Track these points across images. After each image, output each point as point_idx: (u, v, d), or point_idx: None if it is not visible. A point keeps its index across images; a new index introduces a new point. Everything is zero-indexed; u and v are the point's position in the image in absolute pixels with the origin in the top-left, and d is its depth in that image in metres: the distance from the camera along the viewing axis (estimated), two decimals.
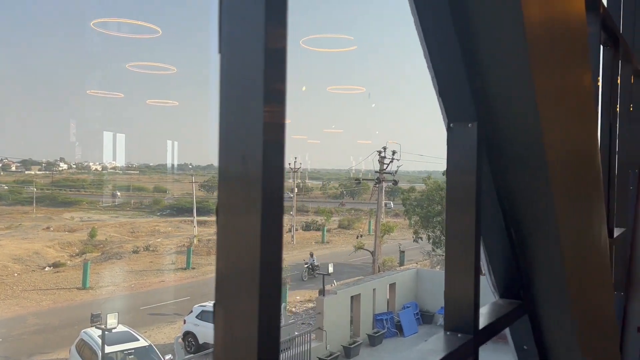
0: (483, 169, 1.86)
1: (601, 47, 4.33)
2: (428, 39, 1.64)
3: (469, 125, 1.74)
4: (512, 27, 1.54)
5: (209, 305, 19.37)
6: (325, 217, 54.82)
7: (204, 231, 48.81)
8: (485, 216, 2.03)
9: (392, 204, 59.53)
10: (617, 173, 5.15)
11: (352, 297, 18.43)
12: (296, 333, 16.66)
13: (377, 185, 34.95)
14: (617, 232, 4.95)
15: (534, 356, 2.43)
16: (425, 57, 1.74)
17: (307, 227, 54.23)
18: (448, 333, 1.78)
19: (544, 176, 1.83)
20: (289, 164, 52.18)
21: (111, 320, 14.46)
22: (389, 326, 18.91)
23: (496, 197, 1.97)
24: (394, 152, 33.01)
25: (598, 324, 2.84)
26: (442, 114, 1.83)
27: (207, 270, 36.38)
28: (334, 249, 45.43)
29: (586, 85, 2.28)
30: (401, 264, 34.13)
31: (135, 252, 42.44)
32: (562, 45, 1.94)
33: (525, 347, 2.42)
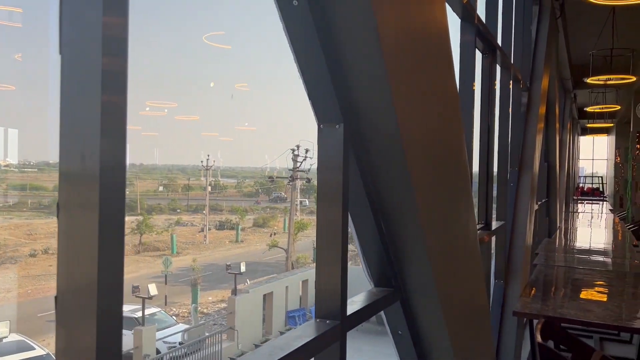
0: (351, 168, 1.99)
1: (480, 55, 4.73)
2: (294, 44, 1.73)
3: (337, 126, 1.86)
4: (366, 33, 1.67)
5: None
6: (240, 216, 54.17)
7: None
8: (356, 211, 2.18)
9: (307, 202, 60.22)
10: (497, 171, 5.63)
11: (264, 295, 18.47)
12: (206, 334, 16.42)
13: (290, 184, 35.18)
14: (496, 225, 5.41)
15: (408, 340, 2.63)
16: (295, 62, 1.83)
17: (220, 227, 53.32)
18: (317, 320, 1.90)
19: (404, 174, 2.00)
20: (202, 161, 50.98)
21: (1, 329, 13.43)
22: (301, 322, 19.17)
23: (365, 194, 2.11)
24: (307, 150, 33.35)
25: (468, 310, 3.11)
26: (314, 115, 1.94)
27: None
28: (248, 248, 45.07)
29: (450, 89, 2.50)
30: (315, 260, 34.61)
31: (33, 255, 39.49)
32: (420, 51, 2.12)
33: (399, 332, 2.61)
